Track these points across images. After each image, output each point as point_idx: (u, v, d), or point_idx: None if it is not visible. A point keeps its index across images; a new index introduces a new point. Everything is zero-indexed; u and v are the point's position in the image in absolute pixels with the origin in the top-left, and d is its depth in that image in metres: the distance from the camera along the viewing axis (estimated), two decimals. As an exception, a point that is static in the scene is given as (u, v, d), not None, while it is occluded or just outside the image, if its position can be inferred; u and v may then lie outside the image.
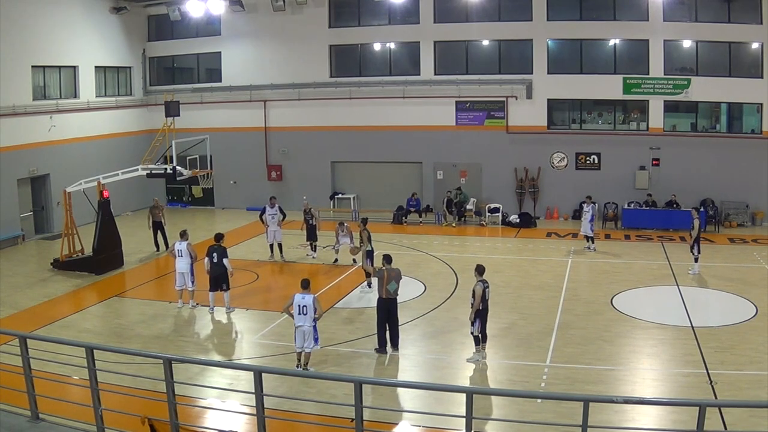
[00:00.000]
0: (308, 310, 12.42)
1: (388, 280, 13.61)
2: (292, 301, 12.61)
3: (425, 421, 10.84)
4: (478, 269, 13.38)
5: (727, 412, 10.59)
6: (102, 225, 20.58)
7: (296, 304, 12.49)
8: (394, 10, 28.31)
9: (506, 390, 12.02)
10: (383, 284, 13.64)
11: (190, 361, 12.81)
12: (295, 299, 12.55)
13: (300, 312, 12.45)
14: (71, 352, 9.74)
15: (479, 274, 13.31)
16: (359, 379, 7.81)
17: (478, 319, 13.14)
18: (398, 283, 13.82)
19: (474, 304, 13.06)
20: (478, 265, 13.50)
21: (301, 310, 12.44)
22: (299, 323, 12.49)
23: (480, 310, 13.10)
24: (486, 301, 13.20)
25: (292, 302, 12.57)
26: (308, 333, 12.50)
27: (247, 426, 10.26)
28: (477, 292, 13.02)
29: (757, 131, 25.90)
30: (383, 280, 13.64)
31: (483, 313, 13.19)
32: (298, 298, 12.51)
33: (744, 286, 18.02)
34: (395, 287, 13.71)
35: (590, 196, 22.83)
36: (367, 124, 28.91)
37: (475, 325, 13.15)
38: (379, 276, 13.78)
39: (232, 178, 30.55)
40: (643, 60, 26.26)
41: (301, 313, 12.45)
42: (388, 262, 14.03)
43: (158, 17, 30.89)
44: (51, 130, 25.86)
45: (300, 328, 12.50)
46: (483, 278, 13.26)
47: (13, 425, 8.96)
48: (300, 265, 20.83)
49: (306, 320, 12.45)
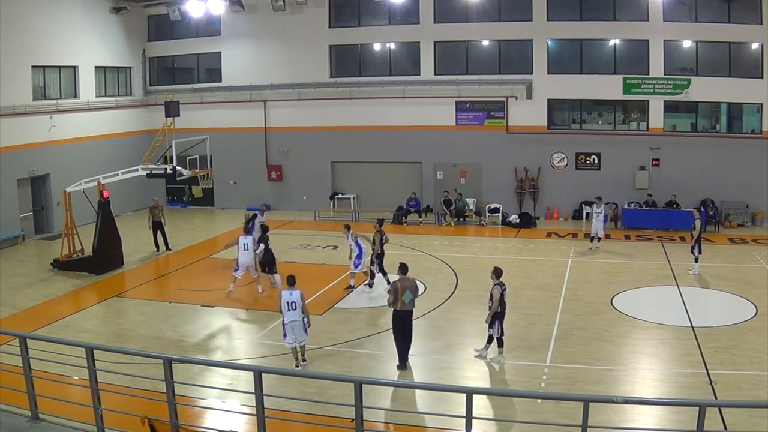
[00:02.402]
0: (297, 305, 12.84)
1: (402, 291, 12.93)
2: (280, 299, 12.96)
3: (425, 421, 10.84)
4: (496, 272, 13.20)
5: (727, 412, 10.59)
6: (102, 225, 20.58)
7: (285, 301, 12.86)
8: (394, 10, 28.30)
9: (506, 390, 12.02)
10: (398, 296, 12.91)
11: (190, 361, 12.82)
12: (283, 296, 12.91)
13: (290, 308, 12.82)
14: (71, 352, 9.73)
15: (497, 276, 13.15)
16: (359, 379, 7.80)
17: (497, 321, 13.06)
18: (414, 294, 13.17)
19: (492, 308, 12.97)
20: (495, 268, 13.33)
21: (290, 306, 12.83)
22: (290, 318, 12.82)
23: (498, 313, 13.02)
24: (504, 303, 13.09)
25: (281, 300, 12.91)
26: (299, 327, 12.87)
27: (247, 426, 10.26)
28: (495, 295, 12.92)
29: (757, 131, 25.90)
30: (398, 292, 12.92)
31: (501, 316, 13.11)
32: (286, 295, 12.89)
33: (744, 286, 18.02)
34: (410, 298, 13.04)
35: (600, 197, 22.93)
36: (367, 124, 28.91)
37: (495, 327, 13.06)
38: (393, 289, 13.09)
39: (232, 178, 30.54)
40: (643, 60, 26.25)
41: (290, 309, 12.82)
42: (404, 272, 13.29)
43: (158, 17, 30.89)
44: (51, 130, 25.87)
45: (291, 324, 12.82)
46: (500, 281, 13.14)
47: (13, 425, 8.96)
48: (300, 266, 20.74)
49: (296, 315, 12.83)
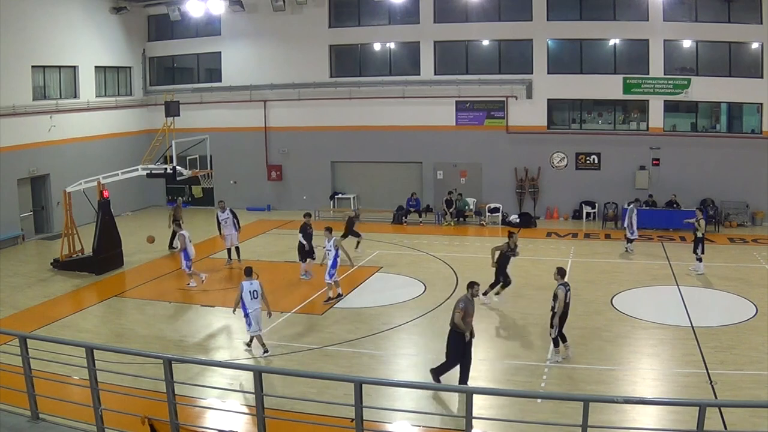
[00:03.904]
0: (258, 294, 13.56)
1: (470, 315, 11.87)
2: (241, 289, 13.57)
3: (425, 421, 10.84)
4: (560, 272, 13.06)
5: (727, 412, 10.59)
6: (102, 225, 20.59)
7: (247, 291, 13.52)
8: (394, 10, 28.30)
9: (506, 390, 11.99)
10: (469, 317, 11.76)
11: (190, 361, 12.83)
12: (244, 287, 13.57)
13: (252, 297, 13.50)
14: (71, 352, 9.74)
15: (561, 276, 13.01)
16: (359, 379, 7.81)
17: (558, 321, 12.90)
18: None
19: (557, 308, 12.79)
20: (559, 268, 13.24)
21: (252, 295, 13.52)
22: (253, 307, 13.48)
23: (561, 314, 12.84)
24: (567, 304, 12.87)
25: (242, 290, 13.53)
26: (260, 316, 13.62)
27: (247, 426, 10.27)
28: (560, 296, 12.74)
29: (757, 131, 25.90)
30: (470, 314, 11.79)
31: (564, 317, 12.95)
32: (247, 285, 13.58)
33: (744, 286, 18.02)
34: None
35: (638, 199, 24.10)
36: (367, 124, 28.91)
37: (555, 328, 12.92)
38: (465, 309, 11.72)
39: (232, 178, 30.53)
40: (643, 60, 26.26)
41: (253, 298, 13.51)
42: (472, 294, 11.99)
43: (158, 17, 30.89)
44: (51, 130, 25.87)
45: (254, 312, 13.47)
46: (565, 281, 12.99)
47: (13, 425, 8.96)
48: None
49: (258, 304, 13.55)
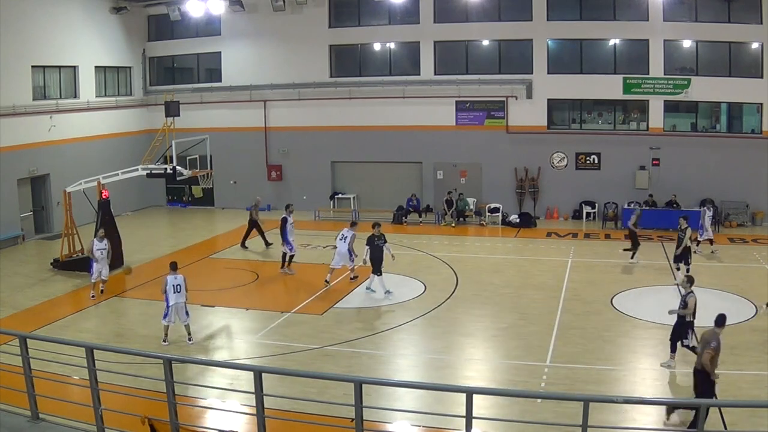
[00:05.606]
0: (181, 288, 14.21)
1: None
2: (165, 283, 14.24)
3: (425, 421, 10.84)
4: (690, 280, 12.96)
5: (727, 412, 10.59)
6: (102, 225, 20.56)
7: (170, 284, 14.19)
8: (394, 10, 28.28)
9: (506, 390, 11.98)
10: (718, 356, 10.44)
11: (190, 361, 12.83)
12: (168, 280, 14.24)
13: (175, 290, 14.16)
14: (71, 352, 9.73)
15: (690, 284, 12.87)
16: (359, 379, 7.80)
17: (690, 329, 12.65)
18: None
19: (688, 315, 12.56)
20: (688, 276, 13.22)
21: (175, 288, 14.18)
22: (176, 300, 14.16)
23: (689, 321, 12.63)
24: (694, 312, 12.67)
25: (166, 284, 14.20)
26: (182, 308, 14.25)
27: (247, 426, 10.26)
28: (690, 303, 12.56)
29: (757, 131, 25.89)
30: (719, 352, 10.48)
31: (691, 324, 12.71)
32: (171, 279, 14.26)
33: (744, 286, 18.02)
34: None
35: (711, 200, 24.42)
36: (367, 124, 28.90)
37: (689, 336, 12.63)
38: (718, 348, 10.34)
39: (232, 178, 30.52)
40: (643, 60, 26.24)
41: (176, 292, 14.17)
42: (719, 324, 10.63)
43: (158, 17, 30.87)
44: (51, 130, 25.85)
45: (176, 305, 14.17)
46: (692, 289, 12.82)
47: (13, 425, 8.96)
48: (300, 266, 20.71)
49: (181, 297, 14.20)
